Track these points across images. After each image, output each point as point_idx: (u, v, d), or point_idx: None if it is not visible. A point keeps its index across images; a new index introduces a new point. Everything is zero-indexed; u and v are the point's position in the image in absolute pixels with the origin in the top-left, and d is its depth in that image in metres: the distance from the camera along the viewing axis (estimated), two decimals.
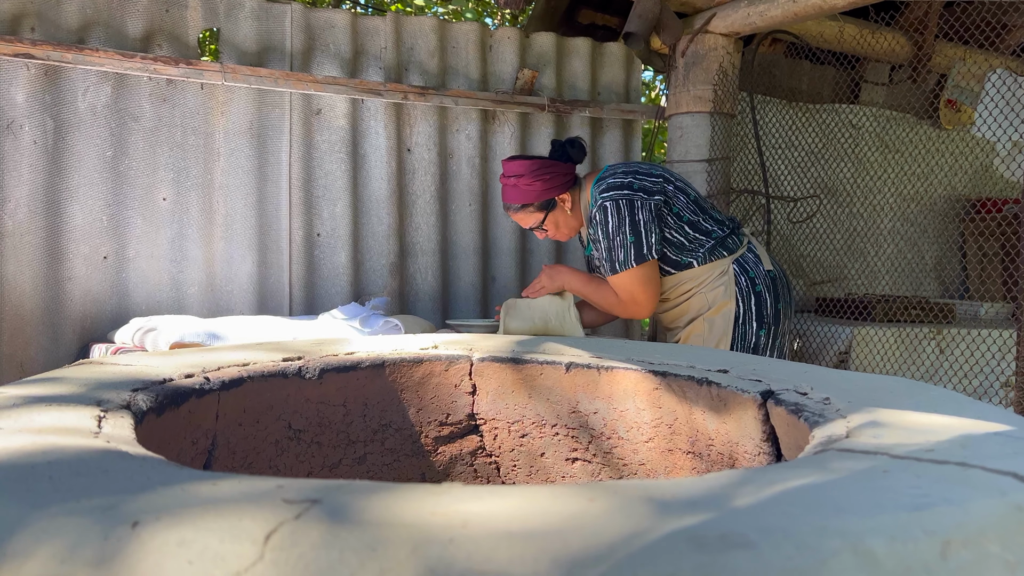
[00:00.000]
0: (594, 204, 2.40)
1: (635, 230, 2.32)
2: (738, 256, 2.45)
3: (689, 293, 2.46)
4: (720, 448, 1.16)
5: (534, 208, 2.47)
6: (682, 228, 2.40)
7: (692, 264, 2.41)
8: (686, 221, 2.40)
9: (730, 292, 2.42)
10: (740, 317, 2.41)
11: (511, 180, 2.46)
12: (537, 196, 2.45)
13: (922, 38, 3.95)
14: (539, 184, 2.44)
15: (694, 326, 2.48)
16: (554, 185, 2.45)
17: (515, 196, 2.47)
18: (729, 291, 2.42)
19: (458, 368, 1.38)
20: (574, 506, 0.50)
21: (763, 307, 2.43)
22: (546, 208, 2.47)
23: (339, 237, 3.21)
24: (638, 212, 2.32)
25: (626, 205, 2.31)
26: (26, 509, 0.51)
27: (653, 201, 2.33)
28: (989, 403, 2.94)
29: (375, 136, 3.28)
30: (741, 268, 2.43)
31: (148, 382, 1.02)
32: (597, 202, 2.37)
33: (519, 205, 2.47)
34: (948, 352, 3.28)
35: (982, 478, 0.58)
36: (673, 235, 2.40)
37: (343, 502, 0.50)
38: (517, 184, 2.45)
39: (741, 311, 2.41)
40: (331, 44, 3.20)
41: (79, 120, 2.77)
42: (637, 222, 2.32)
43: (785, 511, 0.51)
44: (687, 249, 2.41)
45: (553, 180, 2.45)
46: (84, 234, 2.78)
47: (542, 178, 2.44)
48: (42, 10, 2.71)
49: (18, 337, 2.69)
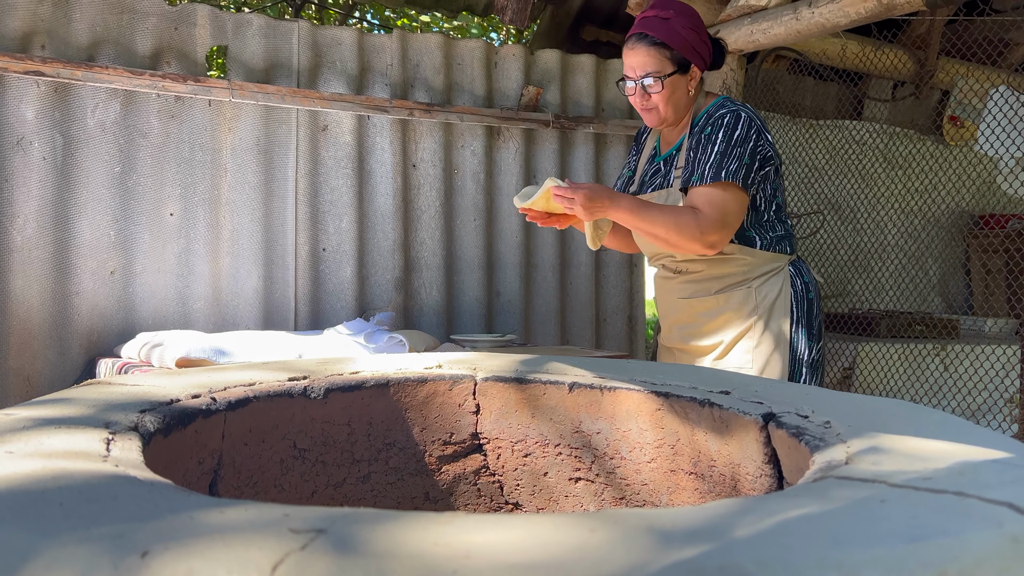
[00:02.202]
0: (718, 110, 2.02)
1: (753, 157, 1.96)
2: (794, 259, 2.14)
3: (733, 279, 2.06)
4: (722, 469, 1.17)
5: (670, 56, 2.00)
6: (768, 204, 2.07)
7: (754, 242, 2.05)
8: (775, 200, 2.09)
9: (785, 298, 2.06)
10: (792, 326, 2.08)
11: (665, 12, 2.02)
12: (682, 46, 2.01)
13: (925, 55, 3.96)
14: (692, 35, 2.02)
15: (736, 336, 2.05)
16: (699, 53, 2.04)
17: (660, 30, 2.00)
18: (784, 296, 2.06)
19: (462, 387, 1.38)
20: (575, 537, 0.51)
21: (813, 318, 2.11)
22: (679, 67, 2.02)
23: (344, 252, 3.23)
24: (760, 149, 1.99)
25: (755, 133, 1.98)
26: (37, 537, 0.52)
27: (770, 158, 2.03)
28: (989, 425, 2.92)
29: (381, 152, 3.30)
30: (797, 270, 2.10)
31: (155, 403, 1.03)
32: (728, 108, 2.01)
33: (659, 41, 1.99)
34: (952, 368, 3.28)
35: (979, 508, 0.58)
36: (757, 202, 2.05)
37: (348, 532, 0.51)
38: (670, 20, 2.01)
39: (794, 319, 2.08)
40: (337, 61, 3.23)
41: (88, 136, 2.80)
42: (756, 153, 1.97)
43: (784, 542, 0.51)
44: (756, 224, 2.06)
45: (702, 48, 2.05)
46: (92, 249, 2.80)
47: (698, 33, 2.04)
48: (52, 28, 2.75)
49: (25, 351, 2.71)
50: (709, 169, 1.94)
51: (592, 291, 3.76)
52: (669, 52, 2.01)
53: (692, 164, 2.00)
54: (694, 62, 2.04)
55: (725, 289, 2.07)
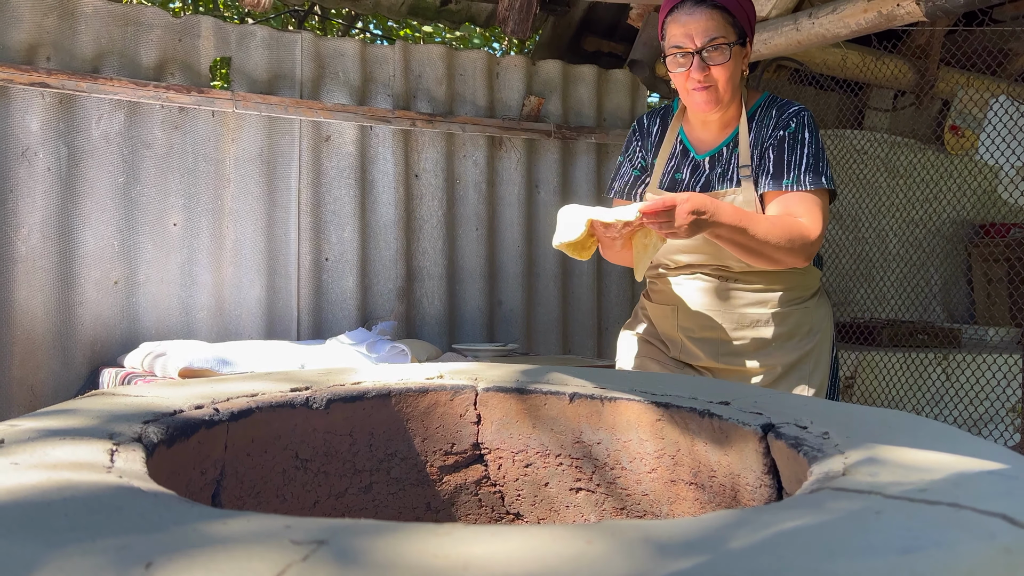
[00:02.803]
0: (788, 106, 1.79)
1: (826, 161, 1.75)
2: None
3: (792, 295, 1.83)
4: (722, 480, 1.17)
5: (732, 23, 1.71)
6: None
7: (820, 261, 1.88)
8: None
9: (831, 320, 1.90)
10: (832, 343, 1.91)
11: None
12: (743, 15, 1.73)
13: (925, 65, 3.98)
14: (748, 5, 1.77)
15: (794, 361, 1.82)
16: (753, 28, 1.79)
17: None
18: (830, 318, 1.90)
19: (463, 398, 1.39)
20: (573, 548, 0.52)
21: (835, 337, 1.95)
22: (739, 38, 1.73)
23: (347, 262, 3.24)
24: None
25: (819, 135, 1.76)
26: (43, 548, 0.53)
27: None
28: (992, 435, 2.91)
29: (383, 162, 3.32)
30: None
31: (159, 414, 1.04)
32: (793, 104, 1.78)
33: (720, 4, 1.70)
34: (954, 378, 3.28)
35: (972, 520, 0.59)
36: None
37: (349, 543, 0.52)
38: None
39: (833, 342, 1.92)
40: (340, 72, 3.25)
41: (92, 147, 2.82)
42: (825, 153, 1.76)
43: (778, 554, 0.52)
44: None
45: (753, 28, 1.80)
46: (95, 259, 2.82)
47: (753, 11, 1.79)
48: (58, 40, 2.77)
49: (29, 361, 2.72)
50: (807, 173, 1.69)
51: (594, 300, 3.76)
52: (732, 19, 1.71)
53: (776, 165, 1.72)
54: (749, 38, 1.77)
55: (787, 305, 1.81)
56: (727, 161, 1.80)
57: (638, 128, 1.99)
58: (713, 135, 1.84)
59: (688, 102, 1.79)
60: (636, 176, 1.96)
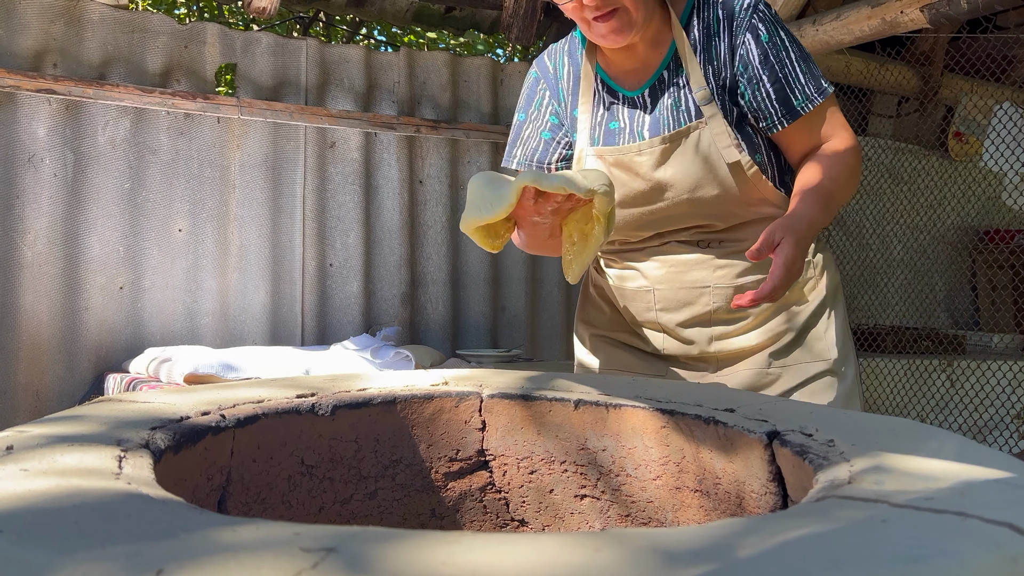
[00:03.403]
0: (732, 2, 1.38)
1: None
2: None
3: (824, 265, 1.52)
4: (727, 487, 1.17)
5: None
6: None
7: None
8: None
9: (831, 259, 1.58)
10: None
11: None
12: None
13: (929, 71, 3.98)
14: None
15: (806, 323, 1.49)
16: None
17: None
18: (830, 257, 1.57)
19: (468, 404, 1.39)
20: (581, 556, 0.52)
21: None
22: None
23: (351, 267, 3.25)
24: None
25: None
26: (55, 555, 0.54)
27: None
28: (996, 442, 2.90)
29: (388, 168, 3.33)
30: None
31: (166, 420, 1.05)
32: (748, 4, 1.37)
33: None
34: (959, 384, 3.27)
35: (979, 529, 0.59)
36: None
37: (358, 551, 0.52)
38: None
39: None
40: (345, 79, 3.26)
41: (98, 153, 2.83)
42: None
43: (785, 563, 0.52)
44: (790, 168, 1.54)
45: None
46: (101, 265, 2.83)
47: None
48: (64, 46, 2.79)
49: (35, 366, 2.73)
50: (808, 82, 1.38)
51: None
52: None
53: (778, 90, 1.37)
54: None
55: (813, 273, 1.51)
56: (673, 89, 1.41)
57: (541, 72, 1.53)
58: (641, 61, 1.43)
59: (593, 37, 1.37)
60: (548, 140, 1.52)
